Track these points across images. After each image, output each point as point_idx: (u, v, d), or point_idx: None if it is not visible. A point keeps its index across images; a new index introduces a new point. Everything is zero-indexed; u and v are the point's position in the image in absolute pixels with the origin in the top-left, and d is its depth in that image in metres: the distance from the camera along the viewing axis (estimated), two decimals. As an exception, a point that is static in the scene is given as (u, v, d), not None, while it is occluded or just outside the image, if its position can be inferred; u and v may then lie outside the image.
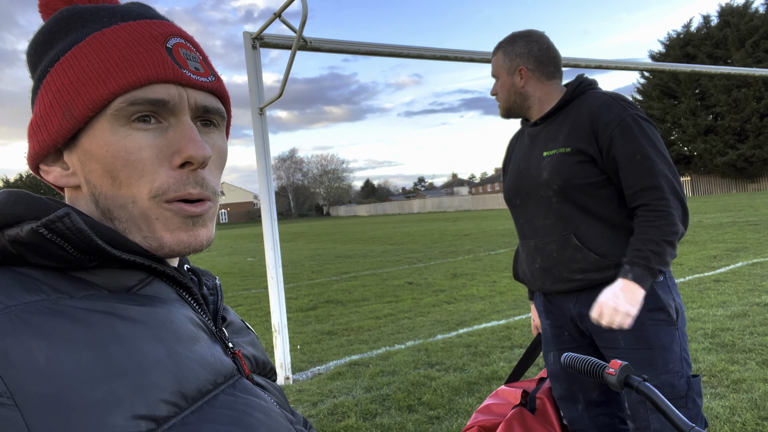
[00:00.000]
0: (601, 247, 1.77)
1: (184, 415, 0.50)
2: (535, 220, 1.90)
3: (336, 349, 5.23)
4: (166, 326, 0.54)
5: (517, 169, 1.98)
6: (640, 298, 1.63)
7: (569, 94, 1.87)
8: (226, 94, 0.67)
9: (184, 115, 0.60)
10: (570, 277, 1.81)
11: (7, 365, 0.44)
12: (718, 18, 33.84)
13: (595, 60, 6.41)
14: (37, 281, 0.52)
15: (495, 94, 2.00)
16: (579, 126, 1.79)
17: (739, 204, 20.24)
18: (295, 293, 8.73)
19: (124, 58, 0.58)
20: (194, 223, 0.61)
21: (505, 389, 2.14)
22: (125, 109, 0.57)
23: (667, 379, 1.70)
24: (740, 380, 3.53)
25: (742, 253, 8.62)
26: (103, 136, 0.58)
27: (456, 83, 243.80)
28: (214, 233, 0.65)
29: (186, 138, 0.59)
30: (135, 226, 0.59)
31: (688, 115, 34.45)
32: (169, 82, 0.59)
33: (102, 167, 0.58)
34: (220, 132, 0.67)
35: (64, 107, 0.58)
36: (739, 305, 5.41)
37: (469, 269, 9.87)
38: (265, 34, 4.58)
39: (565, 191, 1.79)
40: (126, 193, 0.58)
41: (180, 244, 0.60)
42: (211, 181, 0.62)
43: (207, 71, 0.64)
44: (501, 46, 1.96)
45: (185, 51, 0.62)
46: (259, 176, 4.63)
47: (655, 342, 1.71)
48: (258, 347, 0.75)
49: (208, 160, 0.60)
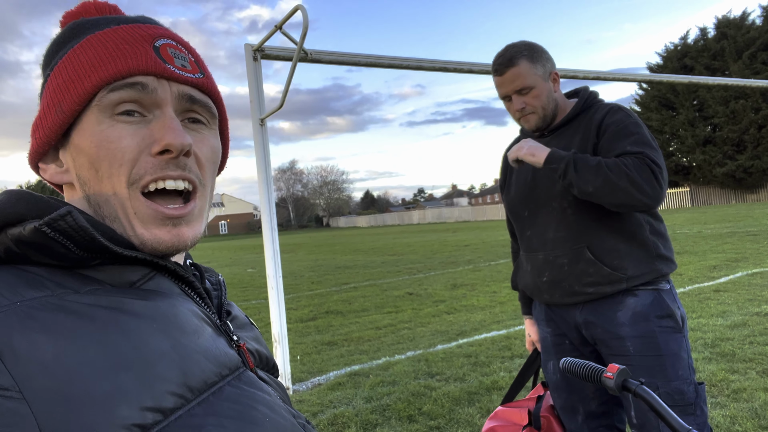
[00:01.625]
0: (614, 260, 1.75)
1: (191, 407, 0.51)
2: (545, 232, 1.86)
3: (336, 359, 5.22)
4: (170, 320, 0.55)
5: (524, 181, 1.94)
6: (544, 154, 1.73)
7: (581, 106, 1.87)
8: (217, 93, 0.68)
9: (167, 107, 0.61)
10: (581, 291, 1.79)
11: (14, 360, 0.45)
12: (715, 30, 34.04)
13: (593, 71, 6.45)
14: (41, 278, 0.52)
15: (523, 107, 1.83)
16: (589, 135, 1.80)
17: (738, 214, 20.24)
18: (295, 304, 8.71)
19: (109, 55, 0.60)
20: (175, 224, 0.61)
21: (506, 410, 2.09)
22: (107, 98, 0.59)
23: (678, 386, 1.69)
24: (740, 389, 3.53)
25: (742, 264, 8.62)
26: (90, 128, 0.60)
27: (459, 93, 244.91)
28: (202, 230, 0.65)
29: (165, 127, 0.60)
30: (118, 223, 0.60)
31: (687, 126, 34.55)
32: (150, 74, 0.60)
33: (87, 160, 0.60)
34: (211, 130, 0.67)
35: (57, 104, 0.61)
36: (739, 315, 5.41)
37: (469, 279, 9.86)
38: (266, 46, 4.62)
39: (581, 202, 1.77)
40: (107, 185, 0.59)
41: (160, 242, 0.60)
42: (194, 168, 0.63)
43: (195, 69, 0.65)
44: (522, 55, 1.80)
45: (173, 50, 0.64)
46: (260, 187, 4.65)
47: (665, 349, 1.71)
48: (261, 343, 0.75)
49: (188, 148, 0.60)
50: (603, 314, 1.79)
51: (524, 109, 1.84)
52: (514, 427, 1.99)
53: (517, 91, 1.82)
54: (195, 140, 0.63)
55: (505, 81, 1.83)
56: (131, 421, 0.46)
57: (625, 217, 1.79)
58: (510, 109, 1.90)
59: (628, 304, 1.76)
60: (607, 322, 1.78)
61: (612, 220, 1.78)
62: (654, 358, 1.72)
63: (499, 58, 1.84)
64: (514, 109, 1.86)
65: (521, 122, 1.92)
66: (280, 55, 4.71)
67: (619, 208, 1.67)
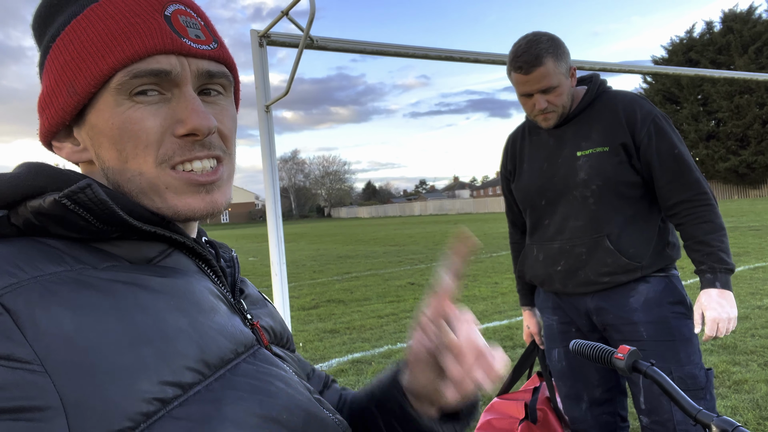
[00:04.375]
0: (630, 249, 1.76)
1: (208, 382, 0.51)
2: (564, 221, 1.84)
3: (338, 347, 5.24)
4: (187, 297, 0.55)
5: (540, 170, 1.91)
6: (734, 299, 1.68)
7: (593, 94, 1.85)
8: (231, 60, 0.67)
9: (186, 86, 0.60)
10: (596, 280, 1.79)
11: (36, 334, 0.45)
12: (721, 24, 33.85)
13: (599, 63, 6.40)
14: (61, 252, 0.52)
15: (545, 107, 1.78)
16: (614, 123, 1.78)
17: (741, 210, 20.21)
18: (297, 292, 8.73)
19: (121, 31, 0.57)
20: (208, 190, 0.61)
21: (501, 402, 2.08)
22: (128, 83, 0.57)
23: (690, 370, 1.71)
24: (742, 381, 3.55)
25: (744, 258, 8.62)
26: (108, 109, 0.58)
27: (463, 84, 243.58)
28: (230, 193, 0.65)
29: (189, 109, 0.59)
30: (146, 198, 0.59)
31: (691, 120, 34.43)
32: (169, 53, 0.58)
33: (108, 141, 0.59)
34: (228, 98, 0.66)
35: (68, 84, 0.59)
36: (741, 308, 5.42)
37: (471, 270, 9.87)
38: (272, 32, 4.59)
39: (604, 191, 1.76)
40: (132, 166, 0.59)
41: (194, 211, 0.60)
42: (218, 143, 0.62)
43: (209, 38, 0.63)
44: (548, 53, 1.72)
45: (185, 18, 0.61)
46: (264, 174, 4.63)
47: (678, 334, 1.72)
48: (275, 318, 0.75)
49: (214, 130, 0.60)
50: (615, 300, 1.79)
51: (546, 109, 1.78)
52: (510, 420, 1.98)
53: (542, 90, 1.76)
54: (215, 112, 0.63)
55: (531, 80, 1.75)
56: (152, 395, 0.47)
57: (643, 206, 1.79)
58: (527, 106, 1.83)
59: (640, 290, 1.77)
60: (619, 308, 1.78)
61: (631, 210, 1.78)
62: (667, 343, 1.73)
63: (523, 54, 1.73)
64: (536, 108, 1.79)
65: (539, 120, 1.84)
66: (286, 42, 4.67)
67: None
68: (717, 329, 1.64)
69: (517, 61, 1.76)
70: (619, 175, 1.76)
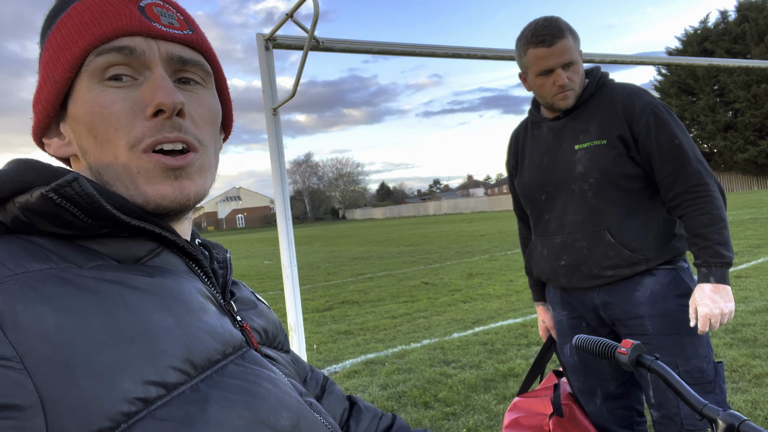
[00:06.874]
0: (633, 242, 1.73)
1: (194, 383, 0.50)
2: (563, 215, 1.83)
3: (352, 348, 5.23)
4: (175, 296, 0.54)
5: (539, 164, 1.89)
6: (730, 292, 1.63)
7: (594, 86, 1.82)
8: (209, 49, 0.66)
9: (156, 67, 0.60)
10: (600, 274, 1.77)
11: (16, 330, 0.44)
12: (736, 13, 33.32)
13: (609, 55, 6.32)
14: (46, 250, 0.52)
15: (566, 82, 1.73)
16: (611, 116, 1.75)
17: (761, 201, 19.85)
18: (311, 294, 8.75)
19: (93, 18, 0.60)
20: (177, 176, 0.60)
21: (524, 400, 2.06)
22: (95, 62, 0.58)
23: (697, 364, 1.68)
24: (762, 375, 3.47)
25: (764, 249, 8.47)
26: (82, 95, 0.59)
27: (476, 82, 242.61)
28: (207, 188, 0.64)
29: (156, 87, 0.59)
30: (122, 185, 0.59)
31: (707, 111, 33.93)
32: (135, 35, 0.60)
33: (85, 128, 0.59)
34: (207, 89, 0.66)
35: (50, 75, 0.60)
36: (761, 301, 5.32)
37: (485, 269, 9.82)
38: (277, 35, 4.60)
39: (602, 184, 1.74)
40: (107, 151, 0.59)
41: (164, 197, 0.59)
42: (191, 129, 0.62)
43: (183, 26, 0.64)
44: (567, 28, 1.71)
45: (159, 9, 0.63)
46: (273, 177, 4.64)
47: (684, 327, 1.69)
48: (268, 318, 0.74)
49: (180, 106, 0.59)
50: (621, 294, 1.76)
51: (566, 85, 1.73)
52: (538, 416, 1.96)
53: (565, 64, 1.72)
54: (189, 100, 0.62)
55: (555, 53, 1.70)
56: (134, 394, 0.46)
57: (644, 198, 1.76)
58: (545, 86, 1.76)
59: (646, 284, 1.74)
60: (625, 302, 1.76)
61: (631, 202, 1.75)
62: (673, 336, 1.69)
63: (544, 29, 1.71)
64: (557, 83, 1.73)
65: (557, 100, 1.77)
66: (292, 44, 4.68)
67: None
68: (710, 325, 1.61)
69: (539, 36, 1.72)
70: (618, 167, 1.73)
